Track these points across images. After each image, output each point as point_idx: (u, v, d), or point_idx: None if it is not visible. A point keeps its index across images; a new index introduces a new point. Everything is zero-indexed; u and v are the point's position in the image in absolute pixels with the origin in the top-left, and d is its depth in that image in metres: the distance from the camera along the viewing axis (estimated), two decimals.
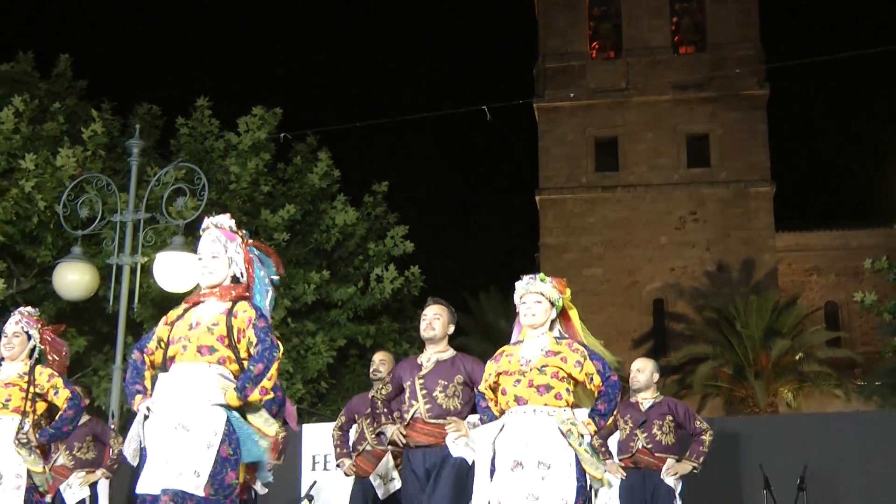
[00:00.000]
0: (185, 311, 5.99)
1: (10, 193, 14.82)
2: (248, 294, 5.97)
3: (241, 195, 16.95)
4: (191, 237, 12.88)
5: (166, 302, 14.02)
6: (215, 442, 5.52)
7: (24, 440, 7.37)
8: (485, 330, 32.45)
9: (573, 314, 6.64)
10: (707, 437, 9.00)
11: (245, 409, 5.72)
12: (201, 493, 5.41)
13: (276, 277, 6.21)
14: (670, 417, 9.10)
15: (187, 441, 5.48)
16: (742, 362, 31.79)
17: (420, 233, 18.56)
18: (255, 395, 5.65)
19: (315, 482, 10.44)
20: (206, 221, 6.17)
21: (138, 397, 5.82)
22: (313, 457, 11.18)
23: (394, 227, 18.30)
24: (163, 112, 18.67)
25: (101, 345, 15.94)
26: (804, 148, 57.30)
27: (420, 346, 18.77)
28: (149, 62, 61.73)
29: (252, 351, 5.75)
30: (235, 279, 6.02)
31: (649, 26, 39.58)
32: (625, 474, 9.02)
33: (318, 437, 11.24)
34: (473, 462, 6.76)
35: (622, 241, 38.13)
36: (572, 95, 38.13)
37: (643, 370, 9.29)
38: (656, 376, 9.33)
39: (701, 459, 8.92)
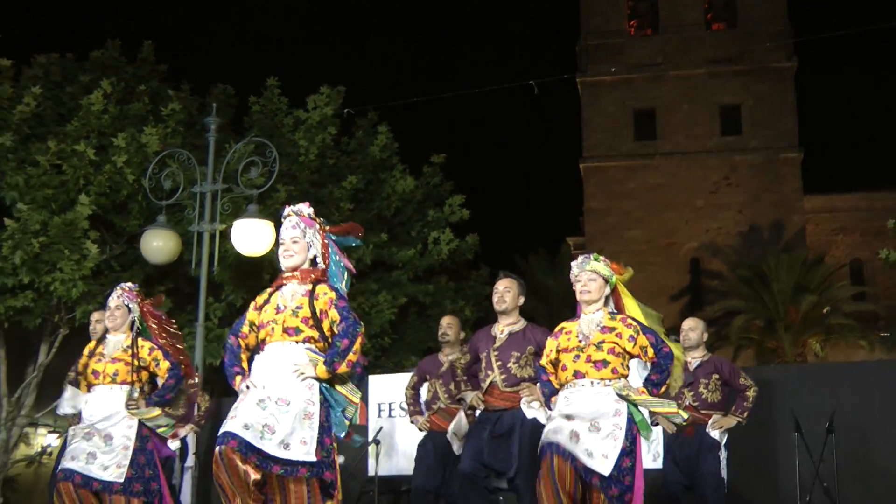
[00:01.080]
0: (271, 295, 6.09)
1: (104, 169, 15.00)
2: (325, 277, 6.03)
3: (308, 167, 17.03)
4: (263, 206, 13.01)
5: (243, 264, 14.21)
6: (314, 411, 5.62)
7: (135, 408, 7.71)
8: (534, 289, 32.45)
9: (625, 296, 6.69)
10: (751, 394, 8.94)
11: (333, 380, 5.84)
12: (314, 458, 5.50)
13: (358, 243, 6.25)
14: (716, 376, 9.03)
15: (289, 414, 5.58)
16: (773, 316, 31.69)
17: (473, 198, 18.59)
18: (342, 368, 5.79)
19: (381, 427, 10.57)
20: (287, 209, 6.22)
21: (238, 378, 5.97)
22: (379, 405, 11.30)
23: (451, 196, 18.32)
24: (236, 91, 18.77)
25: (185, 304, 16.10)
26: (831, 116, 56.66)
27: (476, 304, 18.89)
28: (223, 46, 61.95)
29: (336, 329, 5.88)
30: (314, 262, 6.08)
31: (684, 4, 39.29)
32: (674, 428, 9.01)
33: (382, 388, 11.36)
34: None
35: (660, 204, 38.01)
36: (613, 70, 38.03)
37: (694, 329, 9.21)
38: (705, 336, 9.25)
39: (745, 414, 8.88)
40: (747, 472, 10.24)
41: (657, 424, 7.24)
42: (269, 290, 6.18)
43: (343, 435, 5.91)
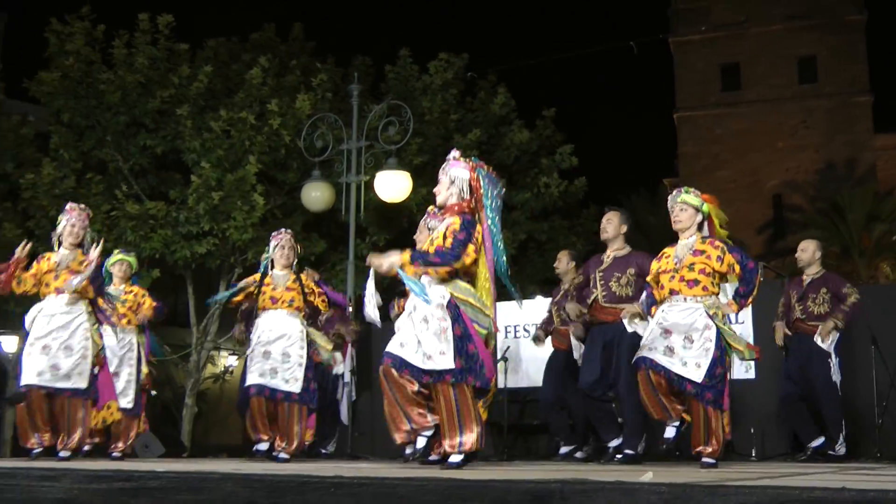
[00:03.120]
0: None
1: (264, 131, 15.24)
2: (468, 208, 5.78)
3: (434, 124, 17.05)
4: (400, 159, 13.04)
5: (385, 210, 14.31)
6: (447, 325, 5.59)
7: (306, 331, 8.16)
8: (637, 224, 32.12)
9: (716, 221, 6.61)
10: (851, 300, 8.63)
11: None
12: (453, 366, 5.52)
13: (503, 191, 6.07)
14: (825, 289, 8.77)
15: (429, 331, 5.60)
16: (848, 243, 31.01)
17: (581, 146, 18.44)
18: (435, 271, 5.66)
19: (508, 347, 10.56)
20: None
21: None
22: (505, 328, 11.28)
23: (562, 146, 18.18)
24: (374, 62, 18.88)
25: (337, 245, 16.32)
26: None
27: (587, 239, 18.80)
28: (361, 22, 62.21)
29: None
30: (462, 197, 5.84)
31: None
32: (782, 339, 8.85)
33: (507, 313, 11.33)
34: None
35: (745, 147, 37.52)
36: (703, 29, 37.51)
37: (805, 250, 8.99)
38: (818, 254, 8.98)
39: (841, 317, 8.58)
40: None
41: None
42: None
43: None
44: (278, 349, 8.18)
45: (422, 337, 5.61)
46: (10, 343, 16.13)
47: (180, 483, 4.52)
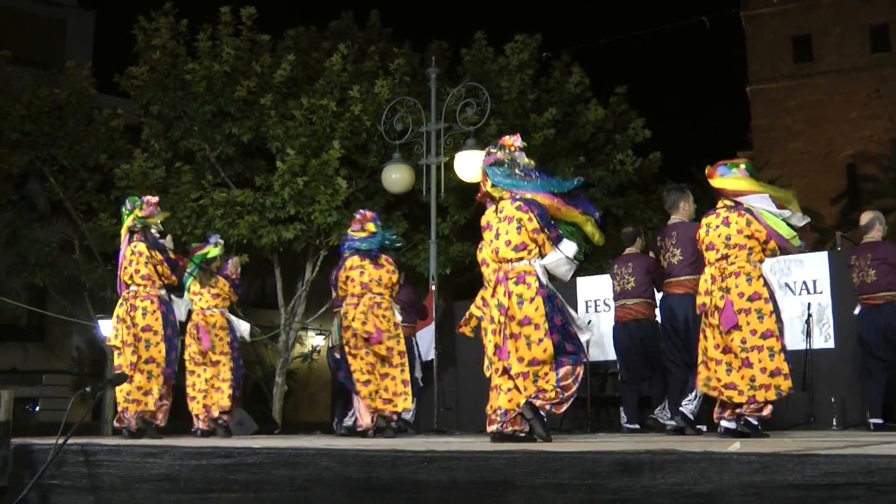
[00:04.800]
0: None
1: (345, 117, 15.29)
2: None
3: (511, 104, 16.93)
4: (478, 139, 12.97)
5: (465, 190, 14.23)
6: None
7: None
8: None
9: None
10: None
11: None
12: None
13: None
14: (872, 256, 8.54)
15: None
16: None
17: (655, 121, 18.18)
18: None
19: (590, 321, 10.45)
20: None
21: None
22: (586, 302, 11.21)
23: (634, 120, 17.94)
24: (450, 45, 18.83)
25: (418, 225, 16.33)
26: None
27: (662, 213, 18.56)
28: (437, 6, 62.24)
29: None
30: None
31: None
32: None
33: (588, 287, 11.26)
34: None
35: (818, 118, 36.87)
36: (774, 1, 36.84)
37: (862, 219, 8.84)
38: (879, 225, 8.75)
39: None
40: None
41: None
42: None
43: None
44: None
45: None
46: (107, 327, 16.45)
47: (276, 459, 4.55)
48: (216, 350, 9.09)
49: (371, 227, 8.18)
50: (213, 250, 9.39)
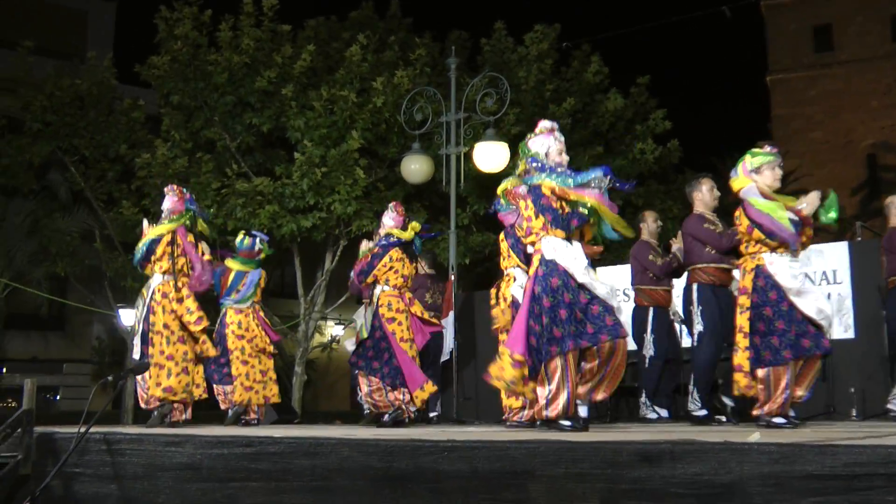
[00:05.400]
0: None
1: (366, 108, 15.29)
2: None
3: (530, 94, 16.90)
4: (498, 130, 12.94)
5: (485, 180, 14.22)
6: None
7: None
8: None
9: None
10: None
11: None
12: None
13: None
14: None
15: None
16: None
17: (675, 112, 18.05)
18: None
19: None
20: None
21: None
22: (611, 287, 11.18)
23: (655, 111, 17.88)
24: (470, 35, 18.80)
25: (438, 215, 16.32)
26: None
27: (682, 202, 18.49)
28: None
29: None
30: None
31: None
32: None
33: (607, 277, 11.21)
34: None
35: (839, 108, 36.58)
36: None
37: (886, 207, 8.84)
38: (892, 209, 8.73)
39: None
40: None
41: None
42: None
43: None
44: None
45: None
46: (128, 316, 16.52)
47: (298, 448, 4.57)
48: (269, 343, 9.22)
49: (416, 225, 8.23)
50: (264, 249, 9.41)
